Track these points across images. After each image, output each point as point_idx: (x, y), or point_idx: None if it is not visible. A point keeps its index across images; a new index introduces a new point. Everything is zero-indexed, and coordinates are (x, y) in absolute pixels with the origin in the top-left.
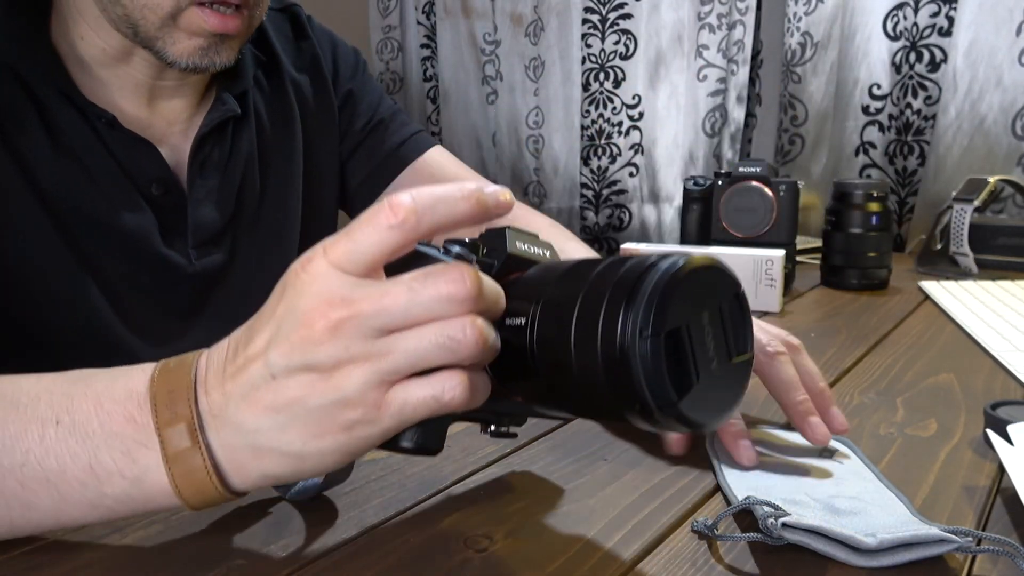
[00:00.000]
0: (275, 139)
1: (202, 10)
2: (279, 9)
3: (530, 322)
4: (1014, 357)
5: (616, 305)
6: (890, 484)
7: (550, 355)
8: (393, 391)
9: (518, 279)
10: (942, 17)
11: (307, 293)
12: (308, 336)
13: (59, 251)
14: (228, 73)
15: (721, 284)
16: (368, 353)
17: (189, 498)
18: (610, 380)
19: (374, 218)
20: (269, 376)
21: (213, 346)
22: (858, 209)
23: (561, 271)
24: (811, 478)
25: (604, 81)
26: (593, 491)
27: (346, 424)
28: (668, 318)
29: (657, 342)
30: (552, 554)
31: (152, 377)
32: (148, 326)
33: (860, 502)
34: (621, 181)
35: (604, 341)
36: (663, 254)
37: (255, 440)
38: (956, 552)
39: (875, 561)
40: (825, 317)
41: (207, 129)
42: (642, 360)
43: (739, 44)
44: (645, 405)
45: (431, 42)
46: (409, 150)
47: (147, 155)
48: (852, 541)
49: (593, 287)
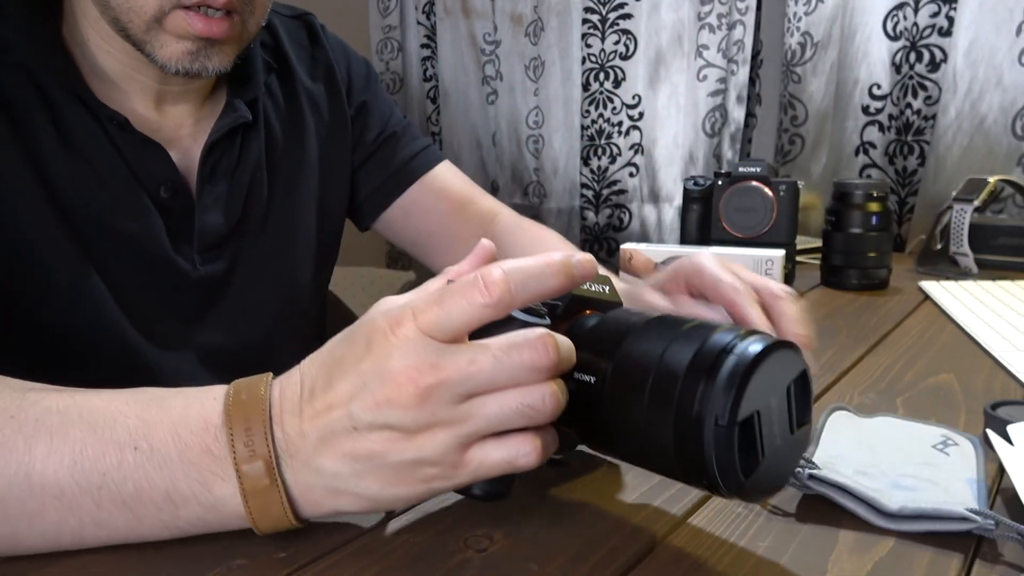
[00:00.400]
0: (285, 147)
1: (187, 13)
2: (293, 17)
3: (600, 381)
4: (1014, 357)
5: (693, 386)
6: (984, 484)
7: (619, 417)
8: (471, 452)
9: (585, 326)
10: (942, 17)
11: (396, 355)
12: (395, 398)
13: (67, 247)
14: (239, 78)
15: (791, 364)
16: (452, 418)
17: (262, 527)
18: (680, 456)
19: (467, 292)
20: (351, 427)
21: (283, 377)
22: (858, 209)
23: (633, 330)
24: (896, 457)
25: (604, 81)
26: (593, 491)
27: (423, 478)
28: (743, 408)
29: (731, 432)
30: (552, 554)
31: (226, 406)
32: (153, 328)
33: (930, 484)
34: (621, 181)
35: (678, 421)
36: (741, 331)
37: (332, 483)
38: (973, 532)
39: (893, 524)
40: (825, 317)
41: (218, 135)
42: (716, 447)
43: (739, 44)
44: (713, 482)
45: (431, 42)
46: (419, 165)
47: (157, 158)
48: (874, 502)
49: (669, 360)
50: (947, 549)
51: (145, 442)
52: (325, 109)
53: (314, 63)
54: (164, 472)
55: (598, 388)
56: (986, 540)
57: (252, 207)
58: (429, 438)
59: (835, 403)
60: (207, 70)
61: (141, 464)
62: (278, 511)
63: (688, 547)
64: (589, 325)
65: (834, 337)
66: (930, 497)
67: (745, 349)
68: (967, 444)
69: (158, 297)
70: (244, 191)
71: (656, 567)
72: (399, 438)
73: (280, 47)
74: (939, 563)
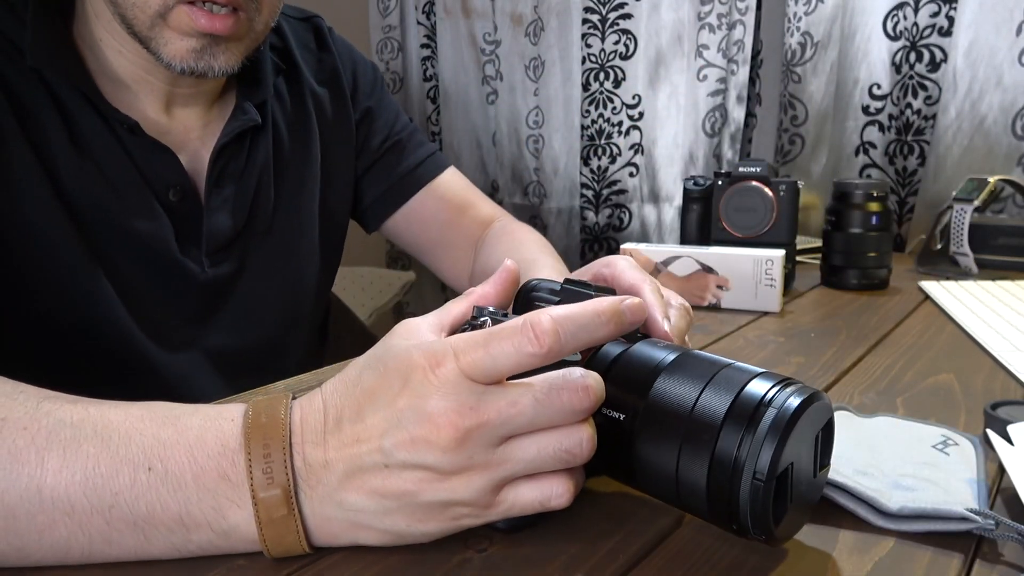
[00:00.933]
0: (292, 149)
1: (191, 9)
2: (302, 19)
3: (630, 419)
4: (1014, 357)
5: (731, 436)
6: (984, 484)
7: (648, 456)
8: (504, 492)
9: (609, 357)
10: (942, 17)
11: (436, 396)
12: (432, 439)
13: (77, 248)
14: (248, 81)
15: (822, 413)
16: (488, 462)
17: (275, 553)
18: (712, 501)
19: (516, 339)
20: (382, 464)
21: (303, 400)
22: (858, 209)
23: (663, 367)
24: (896, 457)
25: (604, 81)
26: (593, 491)
27: (453, 516)
28: (780, 464)
29: (769, 486)
30: (552, 554)
31: (245, 428)
32: (160, 328)
33: (930, 484)
34: (621, 181)
35: (714, 468)
36: (776, 379)
37: (355, 517)
38: (973, 532)
39: (892, 524)
40: (825, 317)
41: (227, 139)
42: (751, 500)
43: (739, 44)
44: (743, 528)
45: (431, 42)
46: (425, 171)
47: (166, 161)
48: (874, 502)
49: (705, 406)
50: (947, 549)
51: (160, 463)
52: (330, 113)
53: (320, 66)
54: (178, 496)
55: (628, 425)
56: (986, 540)
57: (259, 209)
58: (464, 480)
59: (835, 403)
60: (213, 70)
61: (155, 485)
62: (292, 540)
63: (688, 547)
64: (613, 356)
65: (834, 337)
66: (930, 497)
67: (784, 402)
68: (967, 444)
69: (166, 298)
70: (251, 194)
71: (656, 567)
72: (433, 479)
73: (288, 49)
74: (939, 563)
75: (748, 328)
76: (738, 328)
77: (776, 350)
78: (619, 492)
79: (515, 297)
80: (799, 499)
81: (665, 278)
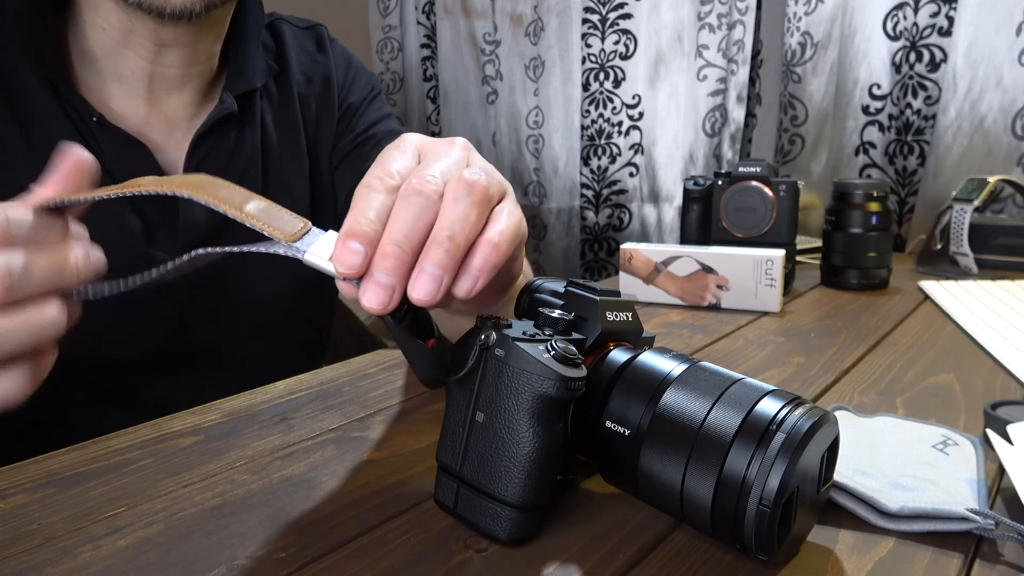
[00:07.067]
0: (279, 147)
1: None
2: (306, 28)
3: (635, 433)
4: (1014, 357)
5: (740, 456)
6: (984, 484)
7: (654, 470)
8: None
9: (614, 366)
10: (942, 17)
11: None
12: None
13: None
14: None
15: (829, 433)
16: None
17: None
18: (716, 519)
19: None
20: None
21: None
22: (858, 209)
23: (669, 381)
24: (896, 457)
25: (604, 81)
26: (593, 491)
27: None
28: (788, 489)
29: (775, 512)
30: (552, 554)
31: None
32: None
33: (930, 483)
34: (621, 181)
35: (721, 487)
36: (786, 398)
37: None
38: (973, 532)
39: (893, 524)
40: (825, 317)
41: (206, 128)
42: (756, 523)
43: (739, 44)
44: (746, 548)
45: (431, 42)
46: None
47: (135, 154)
48: (874, 502)
49: (714, 424)
50: (947, 549)
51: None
52: (315, 112)
53: (314, 68)
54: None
55: (632, 439)
56: (986, 540)
57: None
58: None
59: (835, 403)
60: (172, 4)
61: None
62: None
63: (688, 547)
64: (618, 365)
65: (834, 337)
66: (930, 497)
67: (794, 426)
68: (967, 444)
69: (138, 294)
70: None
71: (656, 567)
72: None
73: (283, 51)
74: (939, 563)
75: (748, 328)
76: (738, 328)
77: (776, 350)
78: (619, 493)
79: (518, 297)
80: (802, 516)
81: (665, 278)
